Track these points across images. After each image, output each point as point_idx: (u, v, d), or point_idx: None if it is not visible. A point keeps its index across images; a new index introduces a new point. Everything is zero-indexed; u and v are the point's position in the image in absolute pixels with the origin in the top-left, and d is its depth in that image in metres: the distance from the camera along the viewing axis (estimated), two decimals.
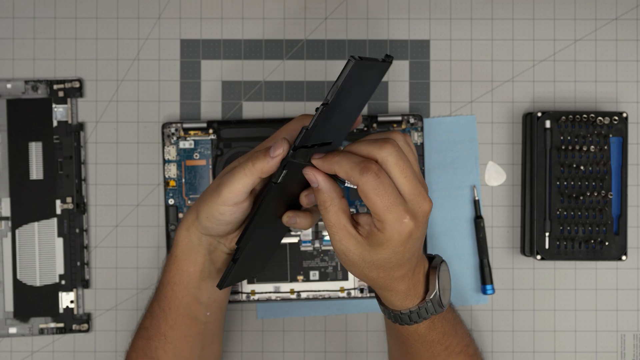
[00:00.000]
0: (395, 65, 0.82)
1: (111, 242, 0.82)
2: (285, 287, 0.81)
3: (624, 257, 0.79)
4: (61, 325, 0.81)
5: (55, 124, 0.81)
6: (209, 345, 0.73)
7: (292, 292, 0.81)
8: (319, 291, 0.81)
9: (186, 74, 0.82)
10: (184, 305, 0.70)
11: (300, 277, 0.81)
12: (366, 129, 0.80)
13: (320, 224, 0.81)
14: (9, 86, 0.81)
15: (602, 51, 0.82)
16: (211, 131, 0.80)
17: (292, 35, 0.82)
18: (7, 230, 0.81)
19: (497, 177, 0.82)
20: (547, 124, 0.79)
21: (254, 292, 0.80)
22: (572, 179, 0.79)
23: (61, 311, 0.81)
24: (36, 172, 0.81)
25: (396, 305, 0.64)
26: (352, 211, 0.62)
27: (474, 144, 0.82)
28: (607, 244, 0.79)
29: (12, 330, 0.81)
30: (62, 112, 0.81)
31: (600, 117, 0.78)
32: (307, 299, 0.81)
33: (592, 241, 0.79)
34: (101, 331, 0.82)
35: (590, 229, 0.79)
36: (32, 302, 0.81)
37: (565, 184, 0.79)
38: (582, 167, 0.79)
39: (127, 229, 0.82)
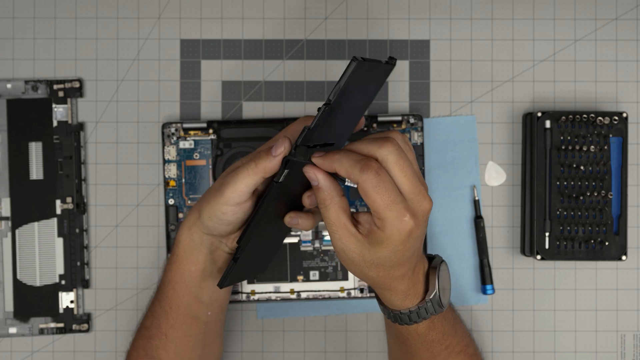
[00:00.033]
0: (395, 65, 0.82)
1: (111, 242, 0.82)
2: (285, 287, 0.81)
3: (624, 257, 0.79)
4: (61, 325, 0.81)
5: (55, 124, 0.81)
6: (209, 344, 0.73)
7: (292, 292, 0.81)
8: (319, 291, 0.81)
9: (186, 74, 0.82)
10: (185, 304, 0.70)
11: (300, 277, 0.81)
12: (366, 129, 0.80)
13: (320, 224, 0.81)
14: (9, 86, 0.81)
15: (602, 51, 0.82)
16: (211, 131, 0.80)
17: (292, 35, 0.82)
18: (7, 230, 0.81)
19: (497, 177, 0.82)
20: (547, 124, 0.79)
21: (254, 292, 0.80)
22: (572, 179, 0.79)
23: (61, 311, 0.81)
24: (36, 172, 0.81)
25: (396, 305, 0.64)
26: (352, 210, 0.62)
27: (474, 144, 0.82)
28: (607, 244, 0.79)
29: (12, 330, 0.81)
30: (62, 112, 0.81)
31: (600, 117, 0.78)
32: (307, 299, 0.81)
33: (592, 241, 0.79)
34: (101, 331, 0.82)
35: (590, 229, 0.79)
36: (32, 302, 0.81)
37: (565, 184, 0.79)
38: (582, 167, 0.79)
39: (127, 229, 0.82)
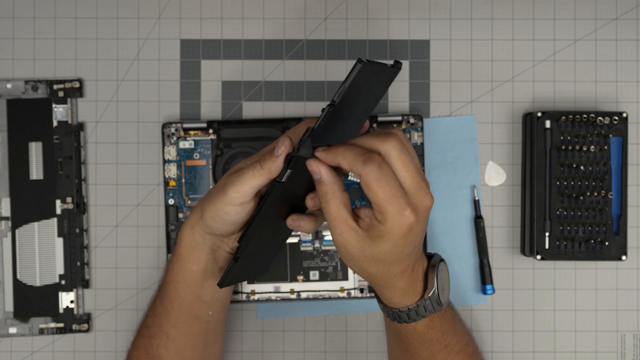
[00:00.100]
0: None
1: (111, 242, 0.82)
2: (285, 287, 0.81)
3: (624, 257, 0.79)
4: (61, 325, 0.81)
5: (55, 124, 0.81)
6: (210, 344, 0.73)
7: (292, 292, 0.81)
8: (319, 291, 0.81)
9: (186, 74, 0.82)
10: (187, 303, 0.70)
11: (300, 277, 0.81)
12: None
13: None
14: (9, 86, 0.81)
15: (602, 51, 0.82)
16: (211, 131, 0.80)
17: (292, 35, 0.82)
18: (7, 230, 0.81)
19: (497, 177, 0.82)
20: (547, 124, 0.79)
21: (254, 292, 0.80)
22: (572, 179, 0.79)
23: (61, 311, 0.81)
24: (36, 172, 0.81)
25: (395, 302, 0.65)
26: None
27: (474, 144, 0.82)
28: (607, 244, 0.79)
29: (12, 330, 0.81)
30: (62, 112, 0.81)
31: (600, 117, 0.78)
32: (307, 299, 0.80)
33: (592, 241, 0.79)
34: (101, 331, 0.82)
35: (590, 229, 0.79)
36: (32, 302, 0.81)
37: (565, 184, 0.79)
38: (582, 167, 0.79)
39: (127, 229, 0.82)
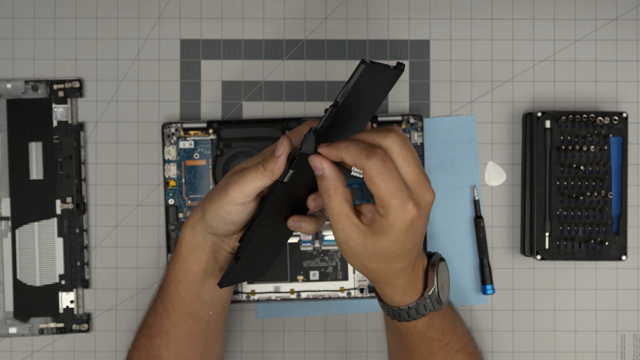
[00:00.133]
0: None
1: (111, 242, 0.82)
2: (285, 287, 0.81)
3: (624, 257, 0.79)
4: (61, 325, 0.81)
5: (55, 124, 0.81)
6: (211, 344, 0.73)
7: (292, 292, 0.81)
8: (319, 291, 0.81)
9: (186, 74, 0.82)
10: (187, 303, 0.70)
11: (300, 277, 0.81)
12: None
13: None
14: (9, 86, 0.81)
15: (602, 51, 0.82)
16: (211, 131, 0.80)
17: (292, 35, 0.82)
18: (7, 230, 0.81)
19: (497, 177, 0.82)
20: (547, 124, 0.79)
21: (254, 292, 0.80)
22: (572, 179, 0.79)
23: (61, 311, 0.81)
24: (36, 172, 0.81)
25: (395, 300, 0.65)
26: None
27: (474, 144, 0.82)
28: (607, 244, 0.79)
29: (12, 330, 0.81)
30: (62, 112, 0.81)
31: (600, 117, 0.79)
32: (307, 299, 0.80)
33: (592, 241, 0.79)
34: (101, 331, 0.82)
35: (590, 229, 0.79)
36: (32, 302, 0.81)
37: (565, 184, 0.79)
38: (582, 167, 0.79)
39: (127, 229, 0.82)
